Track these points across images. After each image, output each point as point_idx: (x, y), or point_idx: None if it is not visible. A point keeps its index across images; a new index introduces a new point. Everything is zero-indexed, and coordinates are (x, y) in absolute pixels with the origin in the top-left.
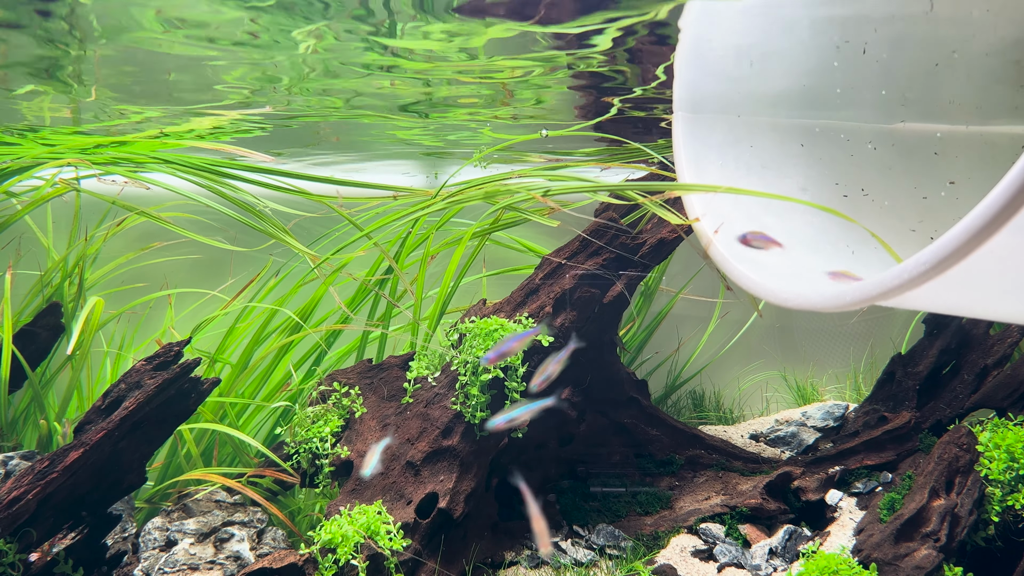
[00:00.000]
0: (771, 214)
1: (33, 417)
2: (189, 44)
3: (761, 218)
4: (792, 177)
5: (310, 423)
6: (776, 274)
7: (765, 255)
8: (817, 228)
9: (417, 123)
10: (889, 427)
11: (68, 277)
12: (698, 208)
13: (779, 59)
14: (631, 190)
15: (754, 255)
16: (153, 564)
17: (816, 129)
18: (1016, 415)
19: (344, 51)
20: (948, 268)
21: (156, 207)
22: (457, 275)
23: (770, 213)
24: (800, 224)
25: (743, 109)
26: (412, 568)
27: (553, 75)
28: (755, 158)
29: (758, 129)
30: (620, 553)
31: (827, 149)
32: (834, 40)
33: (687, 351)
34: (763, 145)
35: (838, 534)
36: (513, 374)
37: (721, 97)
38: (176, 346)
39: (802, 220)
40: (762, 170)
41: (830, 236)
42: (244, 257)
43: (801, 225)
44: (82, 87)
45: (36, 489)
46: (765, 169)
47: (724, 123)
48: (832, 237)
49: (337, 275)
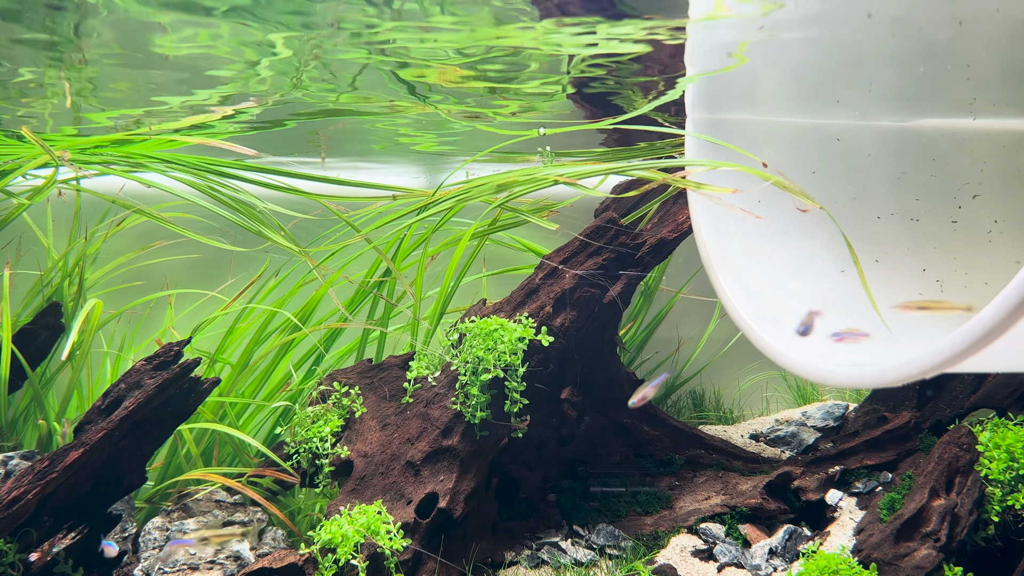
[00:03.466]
0: (798, 279)
1: (33, 417)
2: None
3: (788, 284)
4: (815, 236)
5: (310, 423)
6: (817, 350)
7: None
8: (846, 290)
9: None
10: (889, 427)
11: (68, 277)
12: (728, 289)
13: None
14: (647, 169)
15: (787, 327)
16: (153, 564)
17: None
18: (1016, 415)
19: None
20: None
21: (156, 207)
22: (457, 275)
23: (796, 278)
24: (829, 286)
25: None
26: (412, 568)
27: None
28: (774, 223)
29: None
30: (620, 553)
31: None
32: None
33: (687, 351)
34: (782, 207)
35: (838, 534)
36: (513, 374)
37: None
38: (176, 346)
39: (831, 283)
40: (783, 234)
41: (863, 298)
42: (244, 257)
43: (830, 287)
44: (78, 72)
45: (36, 489)
46: (786, 233)
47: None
48: (864, 298)
49: (337, 276)
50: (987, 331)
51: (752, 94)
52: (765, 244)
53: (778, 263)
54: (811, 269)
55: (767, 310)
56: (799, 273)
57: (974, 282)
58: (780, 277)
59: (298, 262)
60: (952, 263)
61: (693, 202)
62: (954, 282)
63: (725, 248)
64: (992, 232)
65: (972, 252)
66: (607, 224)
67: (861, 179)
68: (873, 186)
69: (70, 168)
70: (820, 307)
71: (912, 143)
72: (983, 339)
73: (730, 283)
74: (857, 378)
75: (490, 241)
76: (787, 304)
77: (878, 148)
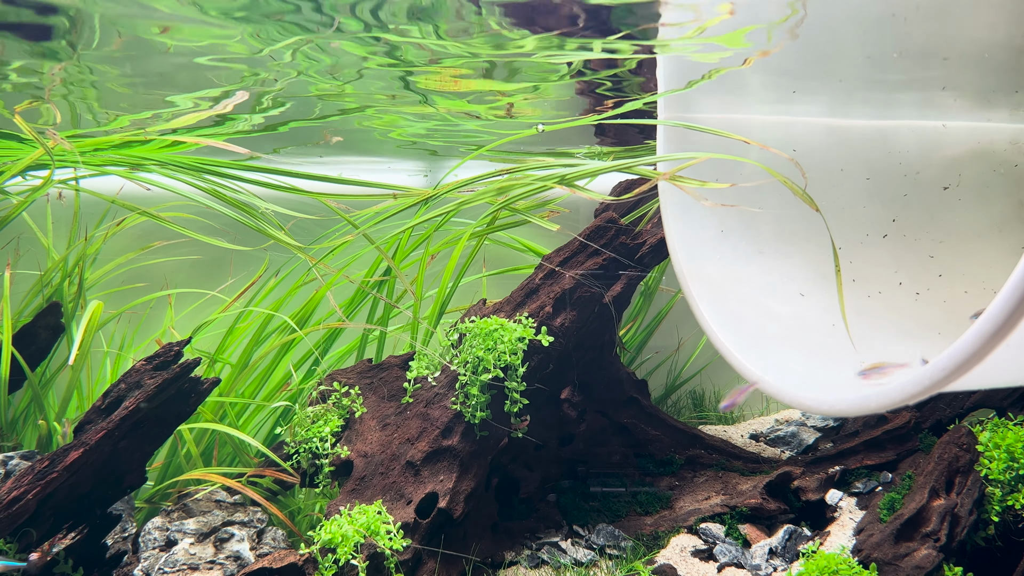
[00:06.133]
0: (778, 299)
1: (33, 417)
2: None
3: (767, 305)
4: (792, 256)
5: (310, 423)
6: (805, 379)
7: (786, 357)
8: (831, 311)
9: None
10: (889, 427)
11: (68, 277)
12: (704, 308)
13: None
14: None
15: (773, 355)
16: (153, 564)
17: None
18: (1016, 415)
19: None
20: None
21: (156, 207)
22: (456, 274)
23: (776, 298)
24: (812, 308)
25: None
26: (412, 568)
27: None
28: (750, 244)
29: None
30: (620, 553)
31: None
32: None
33: (687, 351)
34: (758, 230)
35: (838, 534)
36: (513, 374)
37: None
38: (176, 346)
39: (814, 304)
40: (759, 255)
41: (848, 317)
42: (244, 257)
43: (813, 309)
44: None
45: (36, 489)
46: (762, 255)
47: (714, 214)
48: (850, 317)
49: (338, 276)
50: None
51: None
52: (741, 267)
53: (755, 286)
54: (790, 290)
55: (749, 337)
56: (778, 295)
57: (954, 294)
58: (759, 300)
59: (298, 261)
60: (931, 273)
61: (669, 227)
62: (934, 294)
63: (701, 272)
64: (972, 239)
65: (952, 260)
66: (607, 224)
67: (835, 193)
68: (847, 200)
69: (60, 143)
70: (802, 328)
71: (884, 150)
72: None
73: (709, 310)
74: (841, 405)
75: (490, 241)
76: (768, 328)
77: (850, 161)
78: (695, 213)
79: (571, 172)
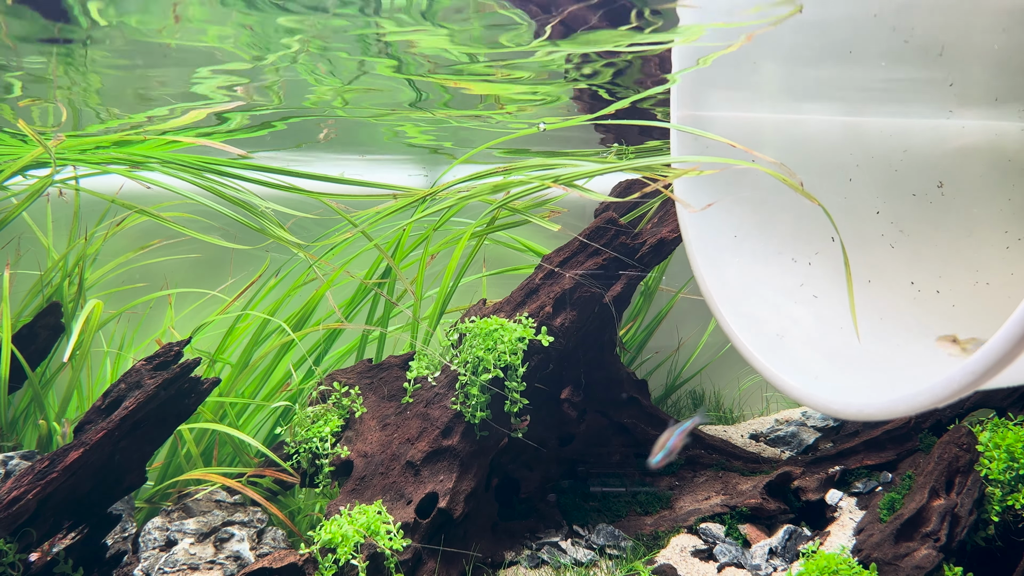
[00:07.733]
0: (797, 301)
1: (33, 417)
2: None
3: (787, 307)
4: (810, 256)
5: (310, 423)
6: (829, 383)
7: (809, 359)
8: (845, 309)
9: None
10: (889, 427)
11: (68, 277)
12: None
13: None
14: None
15: (796, 358)
16: (153, 564)
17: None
18: (1016, 415)
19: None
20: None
21: (156, 206)
22: (457, 274)
23: (796, 300)
24: (833, 308)
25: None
26: (412, 568)
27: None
28: (768, 244)
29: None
30: (620, 553)
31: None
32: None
33: (687, 351)
34: (775, 227)
35: (838, 534)
36: (513, 374)
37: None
38: (176, 346)
39: (836, 304)
40: (777, 256)
41: (865, 315)
42: (244, 257)
43: (835, 309)
44: (80, 69)
45: (36, 489)
46: (780, 255)
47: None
48: (866, 316)
49: (338, 275)
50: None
51: (743, 90)
52: (761, 269)
53: (775, 288)
54: (809, 291)
55: (770, 340)
56: (798, 296)
57: (979, 292)
58: (780, 302)
59: (298, 261)
60: (951, 271)
61: (687, 232)
62: (956, 292)
63: (721, 276)
64: (993, 242)
65: (975, 258)
66: (607, 224)
67: (849, 190)
68: (862, 197)
69: (63, 139)
70: (822, 329)
71: (901, 148)
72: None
73: (730, 314)
74: (869, 410)
75: (490, 241)
76: (790, 330)
77: (864, 157)
78: (711, 216)
79: (581, 170)
